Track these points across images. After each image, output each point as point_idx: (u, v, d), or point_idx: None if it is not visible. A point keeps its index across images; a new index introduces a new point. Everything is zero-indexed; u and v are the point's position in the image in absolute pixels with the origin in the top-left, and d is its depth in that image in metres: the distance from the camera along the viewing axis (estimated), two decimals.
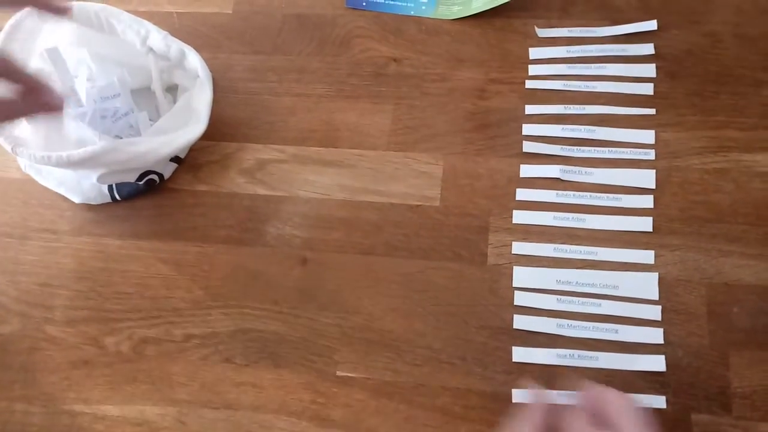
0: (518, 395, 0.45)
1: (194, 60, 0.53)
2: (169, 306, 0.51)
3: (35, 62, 0.53)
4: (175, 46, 0.53)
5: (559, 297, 0.47)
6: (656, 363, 0.44)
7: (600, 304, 0.47)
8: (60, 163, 0.48)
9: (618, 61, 0.55)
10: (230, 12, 0.62)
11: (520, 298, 0.47)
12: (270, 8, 0.62)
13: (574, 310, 0.47)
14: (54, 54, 0.51)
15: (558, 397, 0.44)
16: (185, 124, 0.52)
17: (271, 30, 0.61)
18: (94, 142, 0.49)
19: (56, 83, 0.51)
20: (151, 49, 0.53)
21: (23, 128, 0.50)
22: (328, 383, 0.47)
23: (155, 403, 0.48)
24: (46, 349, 0.50)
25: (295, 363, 0.48)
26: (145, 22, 0.54)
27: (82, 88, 0.52)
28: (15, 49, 0.52)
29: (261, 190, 0.54)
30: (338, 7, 0.61)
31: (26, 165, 0.55)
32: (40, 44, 0.53)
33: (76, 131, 0.49)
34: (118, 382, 0.49)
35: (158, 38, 0.53)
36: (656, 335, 0.45)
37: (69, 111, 0.51)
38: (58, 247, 0.54)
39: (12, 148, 0.49)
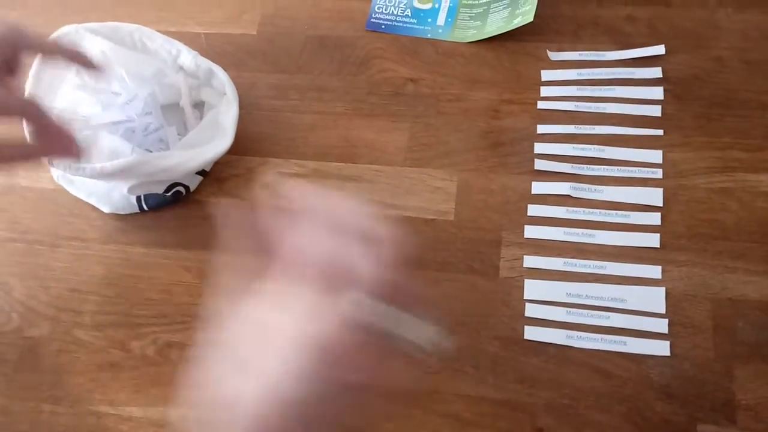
0: None
1: (222, 78, 0.55)
2: (192, 312, 0.52)
3: (61, 100, 0.55)
4: (204, 65, 0.56)
5: (568, 309, 0.49)
6: None
7: (608, 317, 0.48)
8: (93, 174, 0.51)
9: (627, 84, 0.57)
10: (255, 33, 0.65)
11: (531, 310, 0.49)
12: (293, 30, 0.65)
13: (584, 322, 0.48)
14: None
15: None
16: (212, 139, 0.54)
17: (293, 50, 0.63)
18: (127, 155, 0.51)
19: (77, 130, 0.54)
20: (181, 68, 0.56)
21: None
22: None
23: (178, 405, 0.49)
24: (74, 352, 0.52)
25: None
26: (176, 42, 0.56)
27: (119, 103, 0.55)
28: (44, 82, 0.54)
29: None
30: (358, 30, 0.64)
31: (59, 176, 0.57)
32: (70, 77, 0.56)
33: (109, 144, 0.52)
34: (143, 384, 0.50)
35: (188, 58, 0.56)
36: (663, 347, 0.47)
37: (104, 125, 0.53)
38: (88, 255, 0.56)
39: (48, 160, 0.51)
